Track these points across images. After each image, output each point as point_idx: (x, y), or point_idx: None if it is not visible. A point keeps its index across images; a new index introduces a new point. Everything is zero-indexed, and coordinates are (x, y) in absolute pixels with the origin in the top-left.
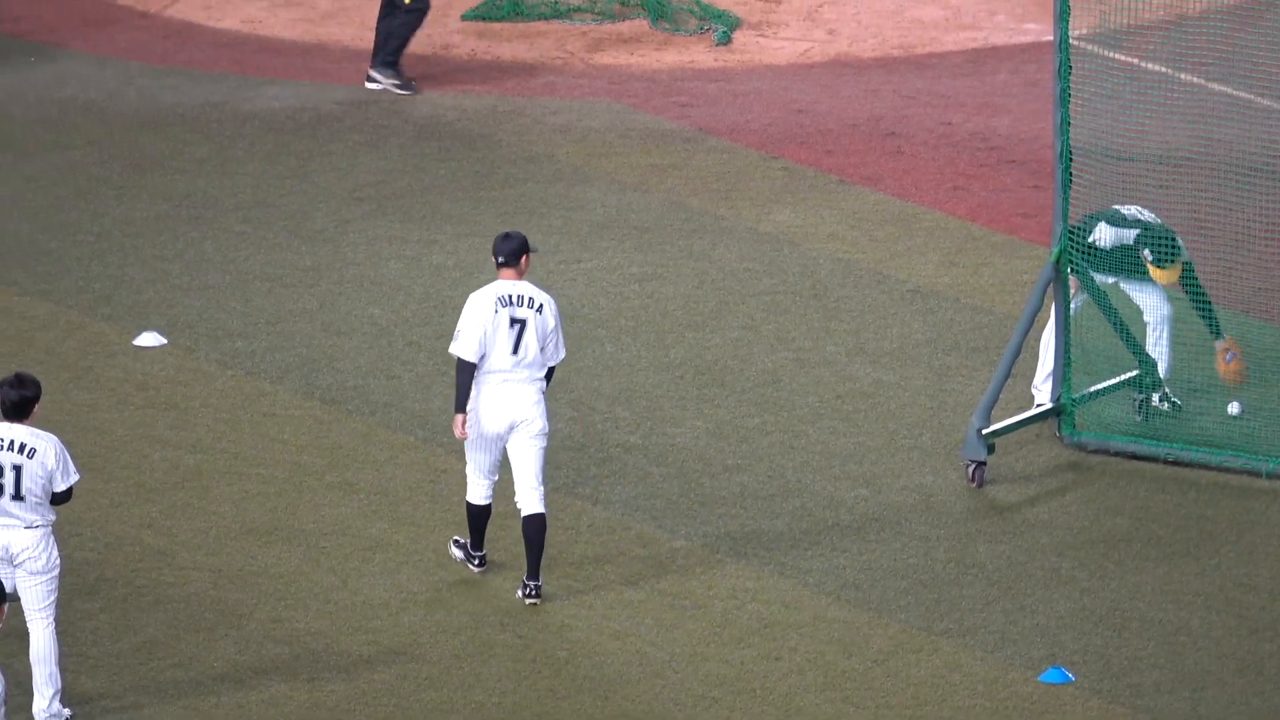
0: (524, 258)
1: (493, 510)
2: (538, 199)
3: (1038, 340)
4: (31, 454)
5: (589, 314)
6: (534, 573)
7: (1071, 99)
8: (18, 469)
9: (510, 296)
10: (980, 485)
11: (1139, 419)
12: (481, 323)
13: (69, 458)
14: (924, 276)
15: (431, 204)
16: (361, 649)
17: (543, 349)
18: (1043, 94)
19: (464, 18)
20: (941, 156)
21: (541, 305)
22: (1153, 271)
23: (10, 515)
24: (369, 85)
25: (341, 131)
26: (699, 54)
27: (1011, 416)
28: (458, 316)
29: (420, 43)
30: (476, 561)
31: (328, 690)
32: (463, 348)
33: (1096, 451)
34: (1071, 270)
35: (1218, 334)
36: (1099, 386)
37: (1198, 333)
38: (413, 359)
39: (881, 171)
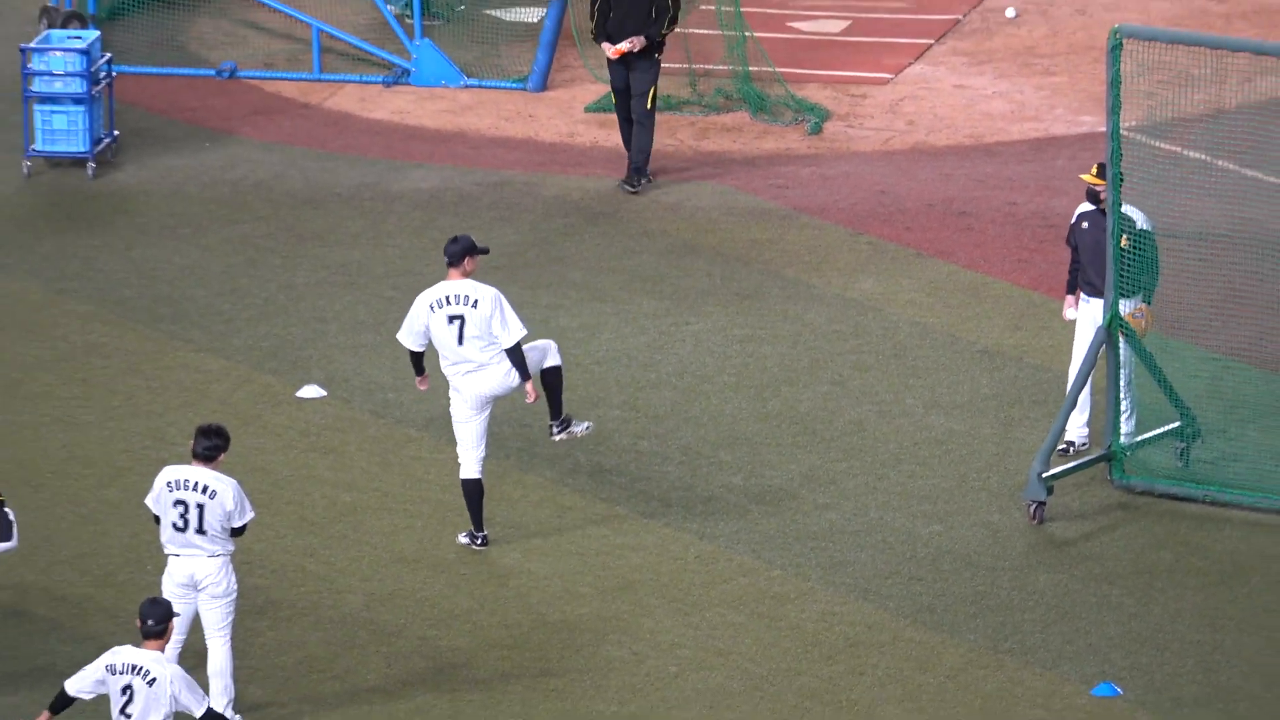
0: (467, 259)
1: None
2: (651, 269)
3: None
4: (213, 495)
5: (696, 370)
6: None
7: (1122, 182)
8: (201, 507)
9: (446, 298)
10: (1040, 522)
11: (1180, 464)
12: (420, 320)
13: (245, 498)
14: (991, 338)
15: (558, 273)
16: (497, 664)
17: (487, 336)
18: None
19: (587, 110)
20: (1007, 233)
21: (477, 300)
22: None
23: (195, 546)
24: (630, 190)
25: (479, 209)
26: (794, 142)
27: (1068, 462)
28: (585, 377)
29: (549, 132)
30: (479, 541)
31: (466, 700)
32: (404, 338)
33: (1143, 493)
34: (1122, 333)
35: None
36: (1146, 436)
37: (1233, 389)
38: (542, 409)
39: (954, 246)
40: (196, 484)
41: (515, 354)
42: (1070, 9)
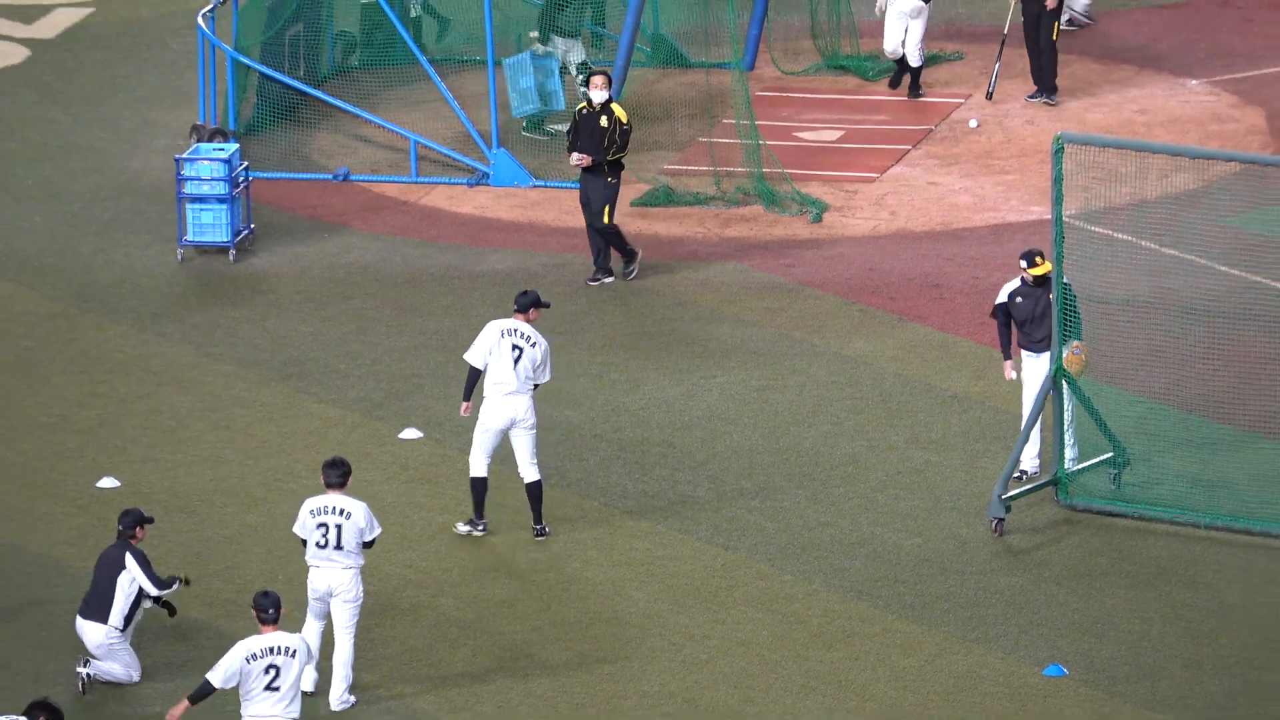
0: (532, 309)
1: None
2: (684, 332)
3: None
4: (348, 516)
5: (721, 414)
6: (539, 519)
7: (1064, 259)
8: (339, 527)
9: (513, 330)
10: (1001, 535)
11: (1113, 487)
12: (489, 343)
13: (374, 518)
14: (959, 386)
15: (607, 335)
16: (562, 653)
17: (533, 371)
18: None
19: (632, 204)
20: (972, 301)
21: (535, 342)
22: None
23: (333, 560)
24: (627, 275)
25: (545, 285)
26: (799, 229)
27: (1023, 486)
28: (631, 420)
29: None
30: (480, 528)
31: (536, 682)
32: (472, 356)
33: (1083, 510)
34: (1066, 381)
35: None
36: (1085, 464)
37: (1154, 426)
38: (599, 447)
39: (929, 312)
40: (335, 508)
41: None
42: (1021, 120)
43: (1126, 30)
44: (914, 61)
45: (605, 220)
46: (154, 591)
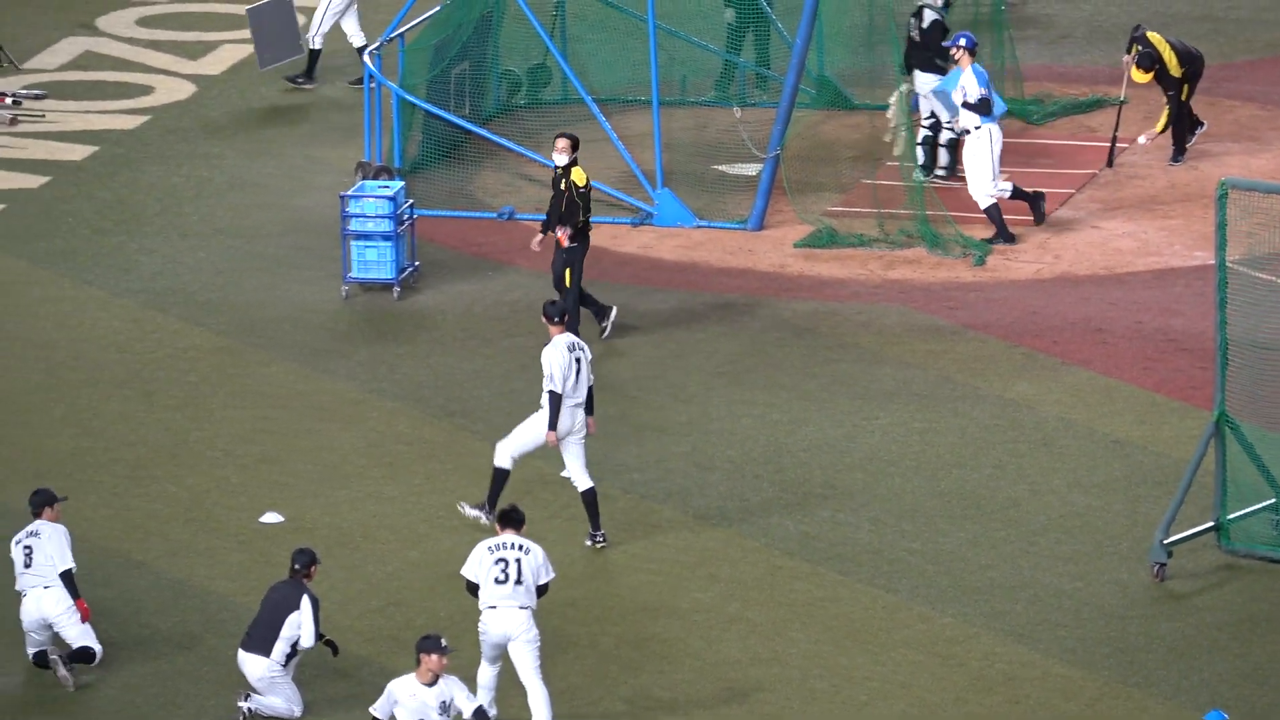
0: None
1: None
2: (846, 374)
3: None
4: (527, 551)
5: (883, 456)
6: (596, 525)
7: (1228, 305)
8: (519, 561)
9: (575, 344)
10: (1163, 580)
11: (1275, 533)
12: (562, 366)
13: (548, 563)
14: (1122, 431)
15: (771, 377)
16: (724, 692)
17: (587, 382)
18: (1206, 302)
19: (796, 245)
20: (1134, 346)
21: (585, 347)
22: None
23: (511, 599)
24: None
25: (708, 324)
26: (962, 271)
27: (1185, 531)
28: (793, 460)
29: (765, 263)
30: (486, 516)
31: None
32: (556, 384)
33: (1245, 556)
34: (1226, 422)
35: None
36: (1247, 510)
37: None
38: (761, 488)
39: (1091, 356)
40: (514, 544)
41: (590, 396)
42: (1184, 165)
43: None
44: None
45: (567, 283)
46: (309, 642)
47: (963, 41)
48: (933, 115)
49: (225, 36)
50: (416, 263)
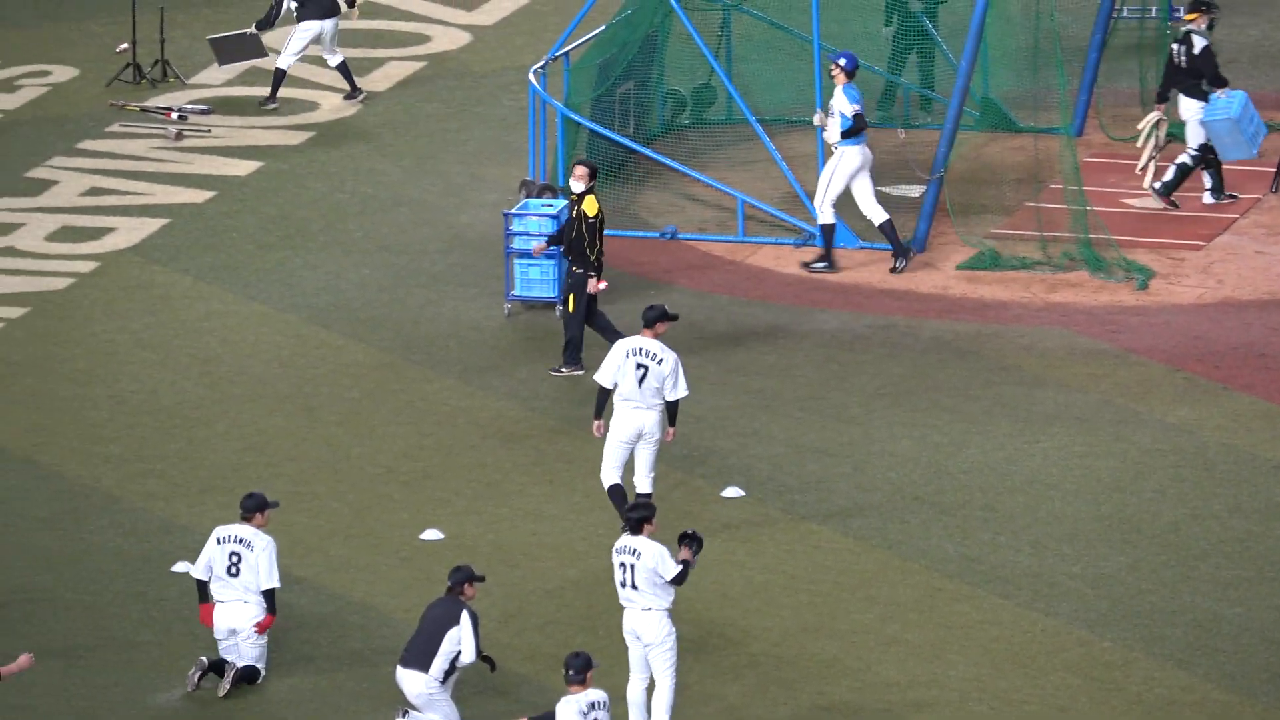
0: (658, 323)
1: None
2: (1008, 396)
3: None
4: (638, 555)
5: (1043, 479)
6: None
7: None
8: (631, 566)
9: (638, 349)
10: None
11: None
12: (615, 363)
13: (665, 558)
14: None
15: (931, 398)
16: (883, 711)
17: (660, 387)
18: None
19: (958, 268)
20: None
21: (661, 359)
22: None
23: (631, 601)
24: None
25: (870, 346)
26: (1124, 295)
27: None
28: (953, 483)
29: (927, 285)
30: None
31: None
32: (601, 376)
33: None
34: None
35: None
36: None
37: None
38: (920, 510)
39: (1254, 381)
40: (629, 548)
41: (673, 407)
42: None
43: None
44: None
45: (570, 309)
46: (470, 658)
47: (842, 61)
48: (1203, 143)
49: (392, 53)
50: None
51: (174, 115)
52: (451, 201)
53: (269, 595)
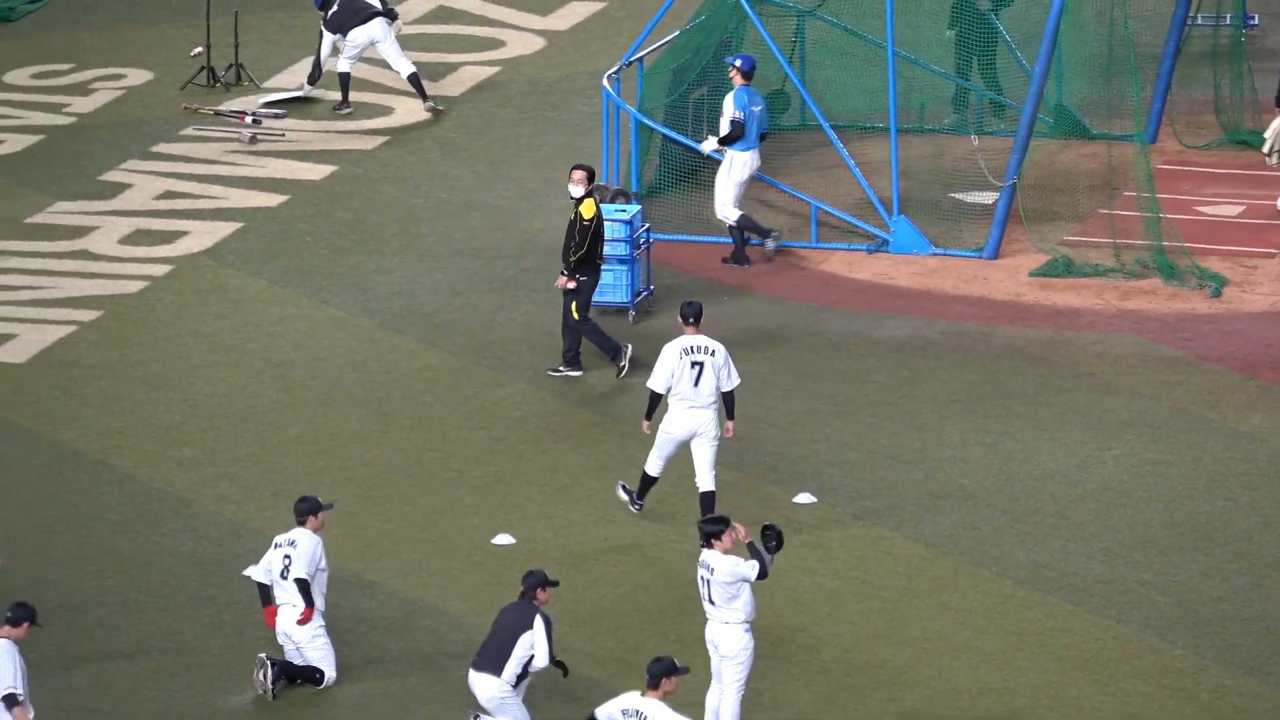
0: (701, 319)
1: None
2: (1080, 404)
3: None
4: (712, 570)
5: (1115, 486)
6: (704, 515)
7: None
8: (707, 581)
9: (692, 347)
10: None
11: None
12: (670, 366)
13: (738, 570)
14: None
15: (1003, 405)
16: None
17: (717, 382)
18: None
19: (1031, 274)
20: None
21: (714, 350)
22: None
23: (710, 616)
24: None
25: (942, 353)
26: (1197, 303)
27: None
28: (1025, 490)
29: (1000, 292)
30: (637, 507)
31: None
32: (655, 383)
33: None
34: None
35: None
36: None
37: None
38: (992, 516)
39: None
40: (706, 563)
41: (730, 399)
42: None
43: None
44: None
45: (575, 315)
46: (543, 662)
47: (738, 63)
48: None
49: (466, 58)
50: (651, 287)
51: (248, 119)
52: (524, 206)
53: (301, 586)
